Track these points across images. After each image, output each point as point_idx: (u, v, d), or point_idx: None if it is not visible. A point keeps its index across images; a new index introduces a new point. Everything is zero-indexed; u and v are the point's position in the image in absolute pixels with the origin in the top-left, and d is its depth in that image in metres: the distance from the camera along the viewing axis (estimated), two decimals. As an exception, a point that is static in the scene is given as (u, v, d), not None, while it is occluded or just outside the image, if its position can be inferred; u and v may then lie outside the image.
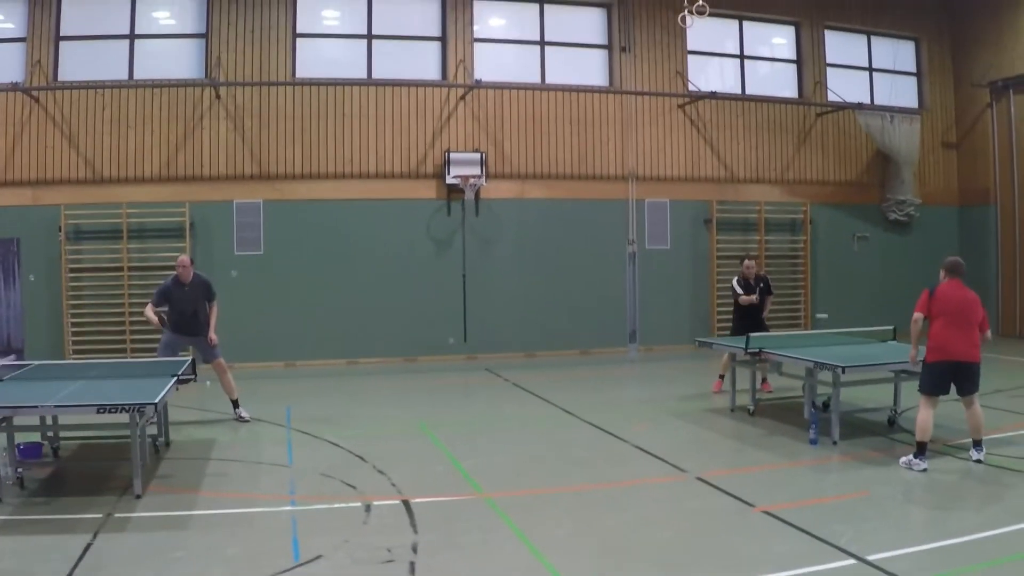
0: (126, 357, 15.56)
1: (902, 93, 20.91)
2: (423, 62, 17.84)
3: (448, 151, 17.30)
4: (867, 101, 20.21)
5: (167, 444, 10.08)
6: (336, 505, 7.76)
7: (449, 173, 17.16)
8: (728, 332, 13.94)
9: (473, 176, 17.13)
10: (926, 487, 8.23)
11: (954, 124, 21.27)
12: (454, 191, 17.36)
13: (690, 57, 19.14)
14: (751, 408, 11.61)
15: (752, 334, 11.58)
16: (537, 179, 18.05)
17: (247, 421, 11.43)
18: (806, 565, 6.15)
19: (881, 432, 10.48)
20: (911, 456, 8.71)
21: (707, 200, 18.94)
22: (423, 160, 17.46)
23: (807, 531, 6.81)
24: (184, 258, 11.53)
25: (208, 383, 14.45)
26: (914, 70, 21.23)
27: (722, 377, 13.22)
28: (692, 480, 8.55)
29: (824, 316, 14.01)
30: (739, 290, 13.21)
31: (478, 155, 17.36)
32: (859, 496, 7.91)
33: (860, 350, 11.36)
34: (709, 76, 19.40)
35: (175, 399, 12.04)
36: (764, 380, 13.07)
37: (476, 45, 17.94)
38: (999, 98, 20.21)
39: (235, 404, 11.64)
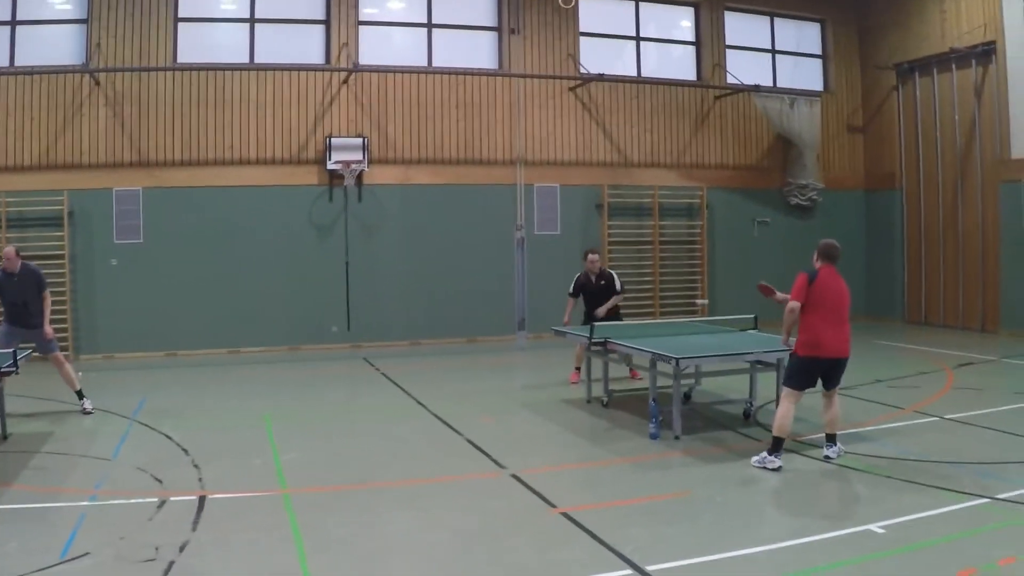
0: None
1: (807, 75, 20.73)
2: (306, 46, 17.55)
3: (329, 136, 17.06)
4: (769, 84, 20.01)
5: (4, 437, 9.98)
6: (133, 500, 7.63)
7: (330, 159, 16.92)
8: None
9: (355, 161, 16.91)
10: (755, 489, 7.89)
11: (860, 107, 21.09)
12: (336, 177, 17.13)
13: (584, 40, 18.89)
14: (604, 400, 11.38)
15: (597, 323, 11.39)
16: (422, 164, 17.83)
17: (91, 413, 11.31)
18: (577, 574, 5.96)
19: (734, 426, 10.22)
20: (764, 453, 8.31)
21: (599, 185, 18.73)
22: (305, 146, 17.22)
23: (597, 536, 6.57)
24: (9, 249, 11.23)
25: (80, 374, 14.37)
26: (819, 52, 21.00)
27: (578, 369, 13.01)
28: (506, 477, 8.35)
29: (704, 302, 13.77)
30: (570, 290, 13.17)
31: (360, 140, 17.14)
32: (676, 497, 7.68)
33: (715, 340, 11.13)
34: (606, 59, 19.09)
35: (34, 391, 12.21)
36: (631, 369, 12.89)
37: (361, 28, 17.67)
38: (905, 81, 20.00)
39: (79, 395, 11.50)
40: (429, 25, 18.19)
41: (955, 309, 18.94)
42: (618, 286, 13.03)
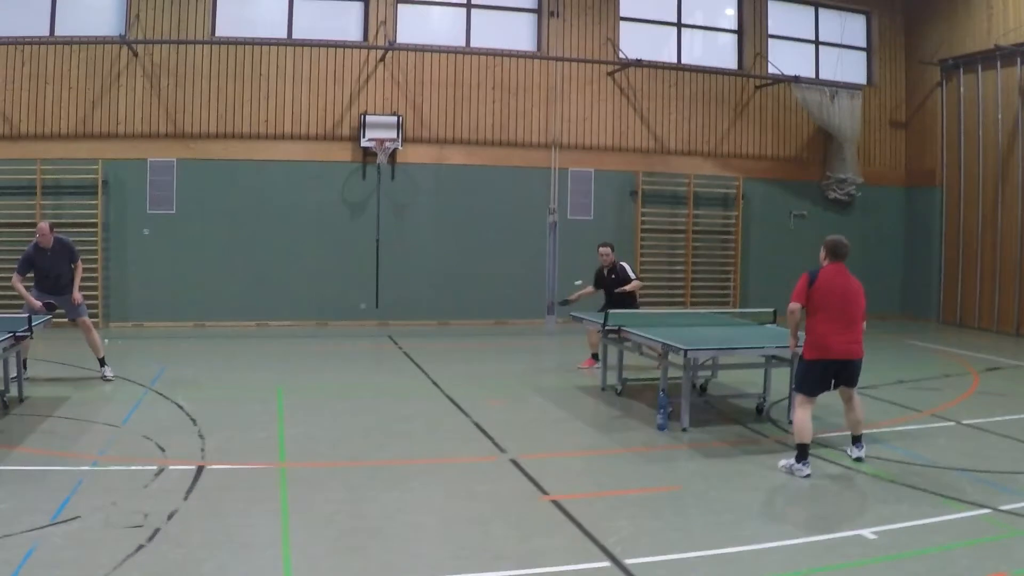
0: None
1: (850, 68, 20.34)
2: (344, 23, 17.55)
3: (364, 114, 17.01)
4: (811, 75, 19.72)
5: (21, 399, 10.07)
6: (133, 467, 7.65)
7: (364, 136, 16.87)
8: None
9: (388, 139, 16.84)
10: (751, 487, 7.62)
11: (904, 102, 20.70)
12: (369, 154, 17.08)
13: (625, 25, 18.70)
14: (618, 388, 11.22)
15: (612, 311, 11.25)
16: (457, 144, 17.75)
17: (111, 380, 11.39)
18: (555, 563, 5.81)
19: (745, 421, 10.00)
20: (792, 460, 7.92)
21: (634, 171, 18.56)
22: (340, 122, 17.20)
23: (582, 525, 6.44)
24: (43, 225, 11.37)
25: (106, 341, 14.56)
26: (864, 44, 20.65)
27: (595, 356, 12.87)
28: (504, 462, 8.22)
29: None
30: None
31: (394, 118, 17.06)
32: (671, 490, 7.52)
33: (730, 332, 10.95)
34: (646, 45, 18.84)
35: (59, 357, 12.47)
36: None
37: (399, 6, 17.61)
38: (949, 77, 19.61)
39: (101, 362, 11.61)
40: (468, 5, 18.08)
41: (991, 312, 18.54)
42: (632, 274, 12.94)
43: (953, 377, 13.15)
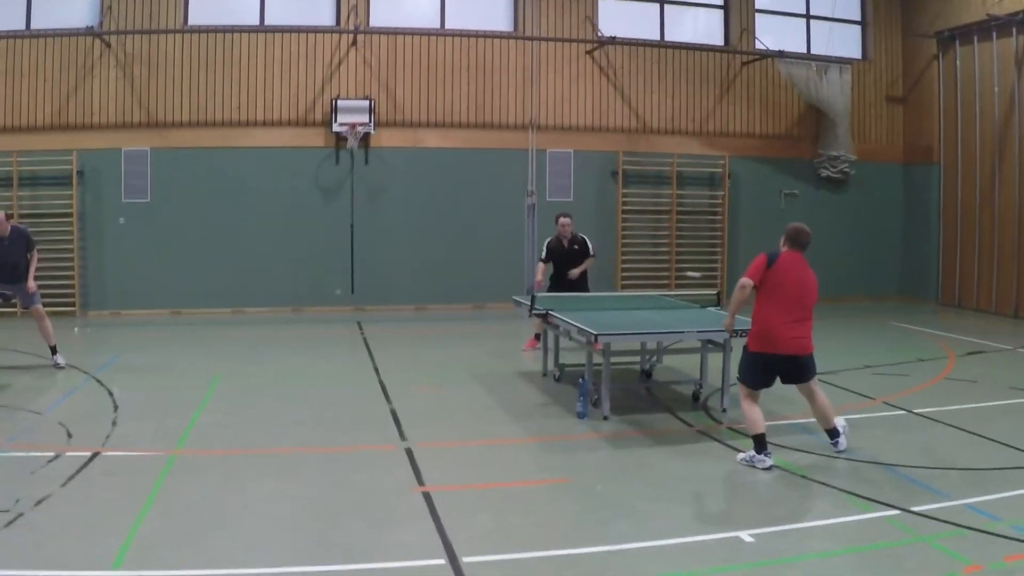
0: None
1: (844, 42, 19.68)
2: (316, 7, 17.35)
3: (336, 98, 16.81)
4: (803, 50, 19.16)
5: (-36, 388, 10.08)
6: (32, 454, 7.60)
7: (336, 121, 16.68)
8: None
9: (360, 124, 16.63)
10: (644, 481, 7.18)
11: (900, 76, 20.02)
12: (341, 139, 16.87)
13: (604, 2, 18.28)
14: (556, 374, 10.93)
15: (540, 293, 10.95)
16: (432, 127, 17.48)
17: (62, 368, 11.38)
18: (392, 559, 5.52)
19: (677, 409, 9.54)
20: (751, 452, 7.43)
21: (615, 151, 18.12)
22: (312, 108, 17.01)
23: (440, 519, 6.17)
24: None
25: (76, 329, 14.92)
26: (858, 18, 20.01)
27: (538, 336, 12.54)
28: (399, 451, 7.92)
29: (696, 275, 12.86)
30: (541, 255, 12.79)
31: (366, 102, 16.83)
32: (554, 483, 7.15)
33: (664, 316, 10.43)
34: (631, 22, 18.39)
35: (21, 346, 12.54)
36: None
37: (372, -11, 17.42)
38: (946, 49, 18.92)
39: (53, 350, 11.59)
40: (443, -14, 17.83)
41: (989, 293, 17.85)
42: (591, 250, 12.70)
43: (927, 362, 12.51)
